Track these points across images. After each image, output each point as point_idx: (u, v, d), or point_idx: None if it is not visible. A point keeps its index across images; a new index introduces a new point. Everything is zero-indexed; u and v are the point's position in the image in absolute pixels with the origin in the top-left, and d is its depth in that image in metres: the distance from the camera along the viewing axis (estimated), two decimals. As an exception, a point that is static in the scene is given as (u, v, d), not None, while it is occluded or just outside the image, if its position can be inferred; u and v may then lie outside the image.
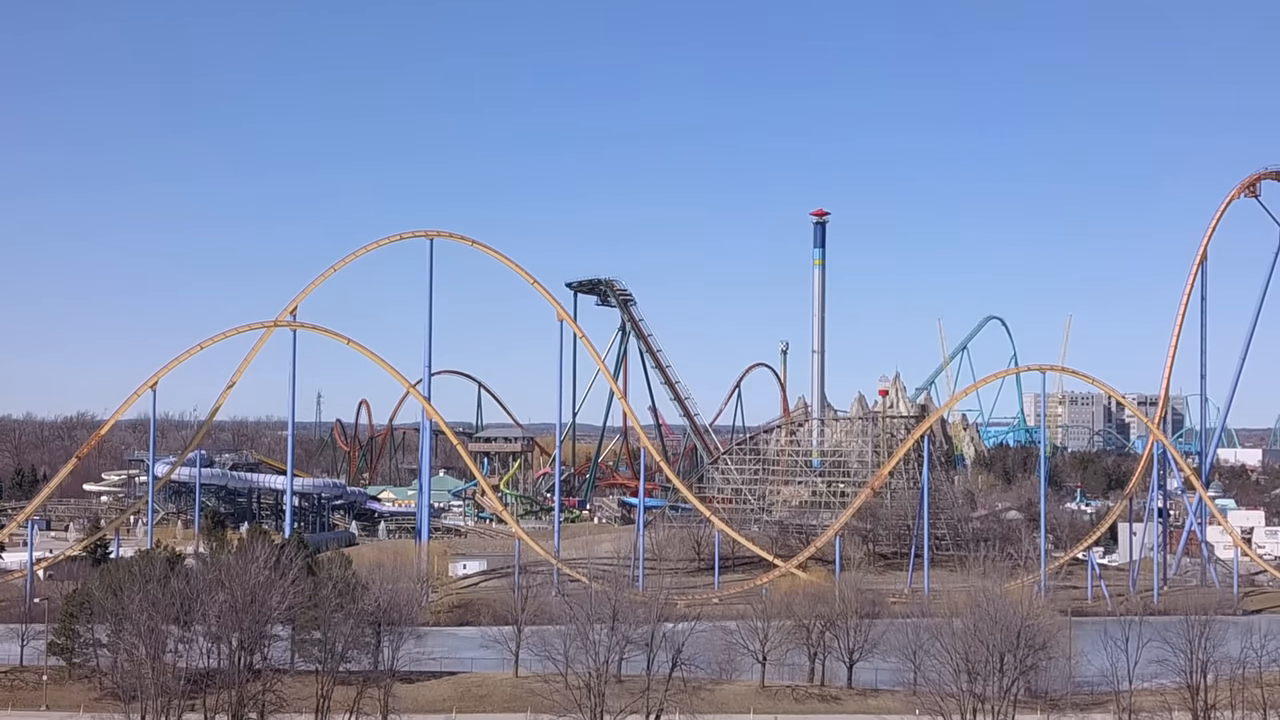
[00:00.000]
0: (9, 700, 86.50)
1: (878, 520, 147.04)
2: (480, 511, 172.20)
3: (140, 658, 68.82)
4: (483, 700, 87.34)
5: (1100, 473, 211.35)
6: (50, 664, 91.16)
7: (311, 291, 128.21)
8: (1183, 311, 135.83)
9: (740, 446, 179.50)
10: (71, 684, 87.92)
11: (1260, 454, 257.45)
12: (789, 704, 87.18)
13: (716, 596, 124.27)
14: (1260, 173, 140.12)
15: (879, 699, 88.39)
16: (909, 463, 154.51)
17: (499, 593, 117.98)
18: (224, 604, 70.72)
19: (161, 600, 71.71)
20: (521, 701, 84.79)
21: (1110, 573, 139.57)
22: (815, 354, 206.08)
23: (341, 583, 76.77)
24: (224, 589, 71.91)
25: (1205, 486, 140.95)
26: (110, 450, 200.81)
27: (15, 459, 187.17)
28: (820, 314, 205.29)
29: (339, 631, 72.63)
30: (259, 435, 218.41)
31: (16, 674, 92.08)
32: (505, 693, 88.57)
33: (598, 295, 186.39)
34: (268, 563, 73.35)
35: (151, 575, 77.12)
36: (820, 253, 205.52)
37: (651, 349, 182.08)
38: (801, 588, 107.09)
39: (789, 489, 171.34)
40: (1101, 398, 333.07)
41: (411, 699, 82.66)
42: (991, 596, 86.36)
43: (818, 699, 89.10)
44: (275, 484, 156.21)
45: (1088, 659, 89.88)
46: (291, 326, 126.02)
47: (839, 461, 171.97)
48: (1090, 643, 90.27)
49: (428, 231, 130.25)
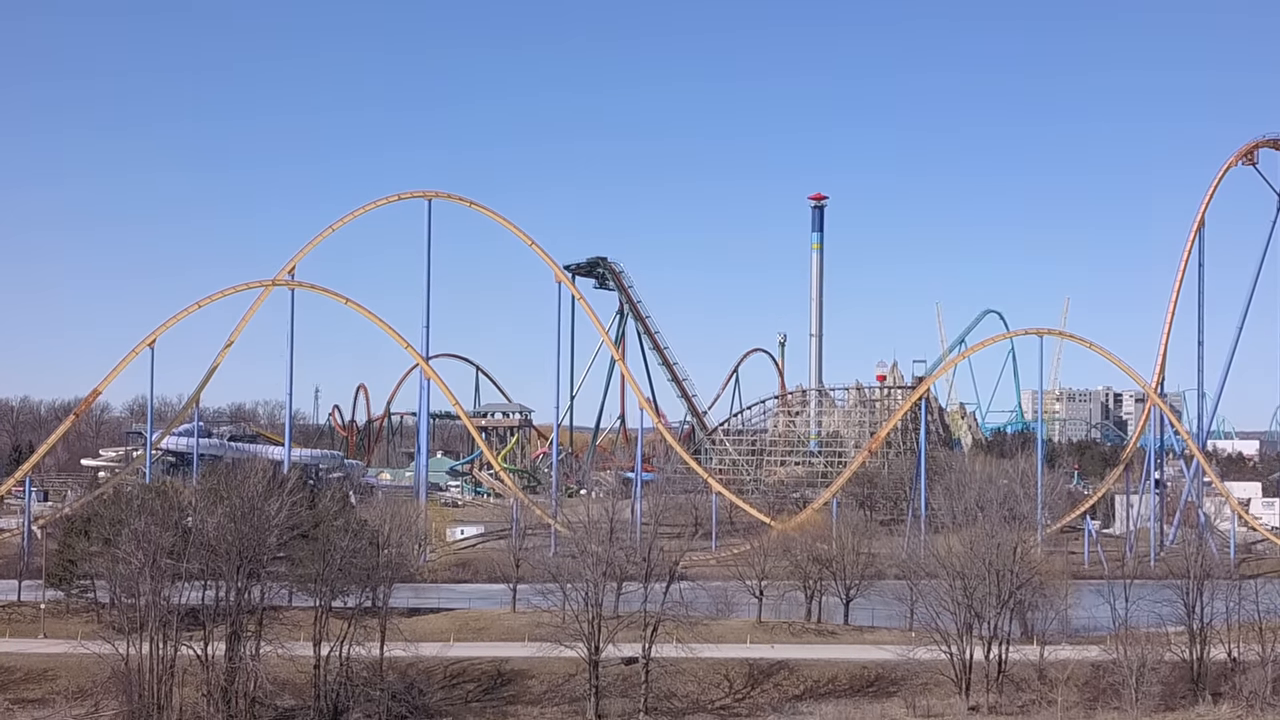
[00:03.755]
0: (6, 631, 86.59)
1: (875, 487, 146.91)
2: (478, 487, 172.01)
3: (138, 569, 68.51)
4: (480, 632, 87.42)
5: (1098, 458, 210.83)
6: (48, 599, 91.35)
7: (309, 252, 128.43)
8: (1181, 271, 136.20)
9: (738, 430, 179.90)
10: (69, 618, 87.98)
11: (1258, 444, 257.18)
12: (786, 637, 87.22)
13: (714, 558, 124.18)
14: (1258, 140, 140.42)
15: (875, 635, 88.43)
16: (906, 434, 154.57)
17: (496, 553, 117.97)
18: (223, 515, 70.60)
19: (160, 511, 71.64)
20: (519, 632, 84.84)
21: (1108, 541, 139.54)
22: (813, 338, 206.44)
23: (340, 500, 76.60)
24: (222, 501, 71.88)
25: (1201, 450, 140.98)
26: (108, 431, 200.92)
27: (13, 438, 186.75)
28: (818, 298, 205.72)
29: (337, 546, 72.39)
30: (255, 418, 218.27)
31: (14, 608, 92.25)
32: (503, 625, 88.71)
33: (596, 279, 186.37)
34: (265, 475, 73.27)
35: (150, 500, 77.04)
36: (818, 237, 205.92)
37: (649, 330, 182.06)
38: (799, 528, 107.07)
39: (785, 469, 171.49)
40: (1099, 394, 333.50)
41: (409, 630, 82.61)
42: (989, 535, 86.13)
43: (814, 634, 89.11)
44: (273, 454, 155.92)
45: (1086, 613, 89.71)
46: (290, 285, 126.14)
47: (836, 445, 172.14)
48: (1087, 602, 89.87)
49: (426, 192, 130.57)
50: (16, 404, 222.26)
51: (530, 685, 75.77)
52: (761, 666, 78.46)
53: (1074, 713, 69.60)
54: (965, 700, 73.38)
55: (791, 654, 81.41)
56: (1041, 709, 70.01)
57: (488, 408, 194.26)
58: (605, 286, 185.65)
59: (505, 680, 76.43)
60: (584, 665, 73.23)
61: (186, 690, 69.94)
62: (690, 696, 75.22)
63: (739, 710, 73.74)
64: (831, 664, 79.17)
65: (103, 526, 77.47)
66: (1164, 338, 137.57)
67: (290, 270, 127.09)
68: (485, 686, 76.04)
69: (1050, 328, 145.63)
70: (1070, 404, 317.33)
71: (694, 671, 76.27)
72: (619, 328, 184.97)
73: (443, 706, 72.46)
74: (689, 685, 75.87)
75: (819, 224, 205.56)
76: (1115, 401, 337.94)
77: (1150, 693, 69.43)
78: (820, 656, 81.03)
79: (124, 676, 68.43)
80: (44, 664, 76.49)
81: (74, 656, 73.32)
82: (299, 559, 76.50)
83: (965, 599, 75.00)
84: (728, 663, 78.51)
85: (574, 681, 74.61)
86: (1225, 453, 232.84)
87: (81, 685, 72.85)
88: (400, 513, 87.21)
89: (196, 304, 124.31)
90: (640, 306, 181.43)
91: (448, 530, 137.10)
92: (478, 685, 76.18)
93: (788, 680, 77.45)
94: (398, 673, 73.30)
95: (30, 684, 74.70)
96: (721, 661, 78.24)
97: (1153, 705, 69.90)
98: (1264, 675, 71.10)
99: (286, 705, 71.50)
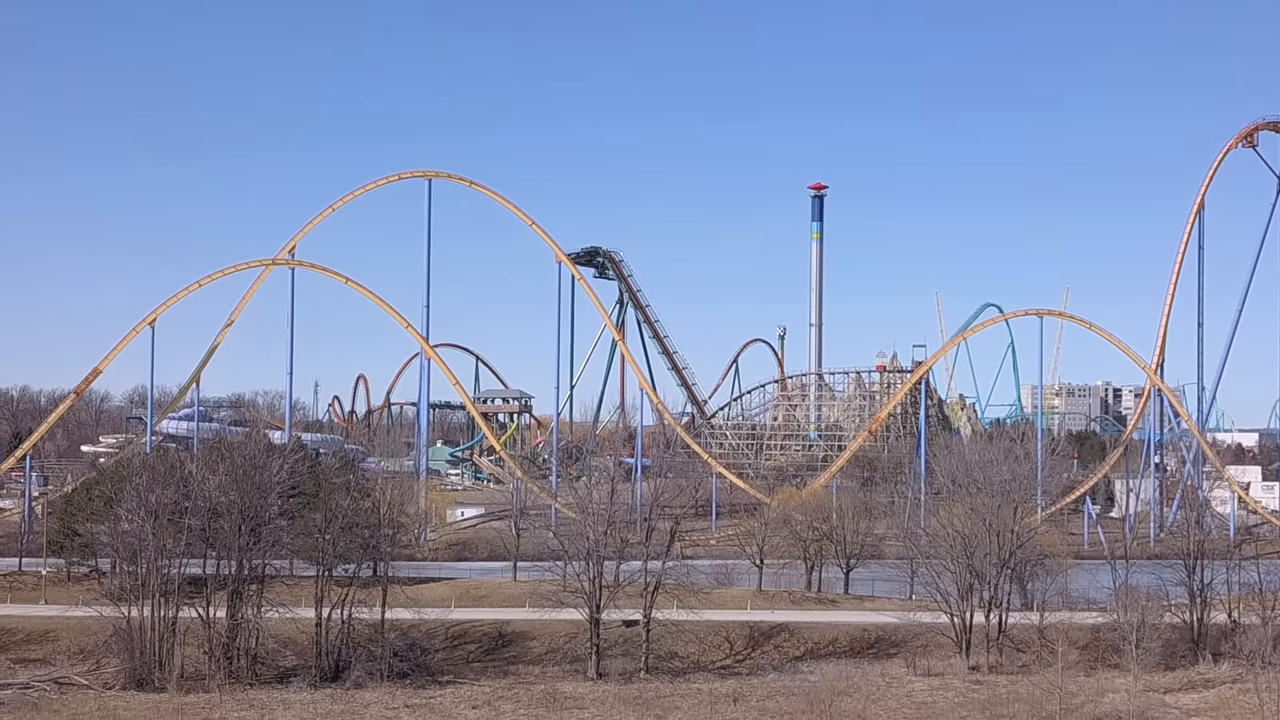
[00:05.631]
0: (7, 598, 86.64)
1: (875, 470, 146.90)
2: (478, 473, 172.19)
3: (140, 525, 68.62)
4: (482, 600, 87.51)
5: (1097, 447, 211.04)
6: (49, 568, 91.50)
7: (310, 235, 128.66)
8: (1181, 254, 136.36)
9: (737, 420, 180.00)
10: (70, 585, 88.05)
11: (1257, 437, 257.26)
12: (786, 605, 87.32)
13: (714, 537, 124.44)
14: (1258, 123, 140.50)
15: (876, 603, 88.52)
16: (906, 419, 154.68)
17: (496, 533, 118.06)
18: (224, 474, 70.69)
19: (162, 471, 71.72)
20: (520, 600, 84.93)
21: (1108, 524, 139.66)
22: (813, 328, 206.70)
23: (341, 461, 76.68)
24: (224, 460, 71.98)
25: (1201, 430, 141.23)
26: (108, 420, 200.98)
27: (13, 426, 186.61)
28: (818, 288, 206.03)
29: (339, 504, 72.49)
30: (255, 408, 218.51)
31: (15, 577, 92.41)
32: (504, 593, 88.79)
33: (595, 268, 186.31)
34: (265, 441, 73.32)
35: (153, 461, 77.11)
36: (818, 226, 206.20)
37: (649, 319, 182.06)
38: (798, 500, 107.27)
39: (785, 456, 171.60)
40: (1099, 389, 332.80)
41: (411, 596, 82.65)
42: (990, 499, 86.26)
43: (815, 602, 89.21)
44: (273, 438, 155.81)
45: (1086, 585, 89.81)
46: (290, 264, 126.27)
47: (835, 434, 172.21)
48: (1087, 580, 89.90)
49: (425, 172, 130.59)
50: (16, 393, 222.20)
51: (531, 646, 75.96)
52: (762, 629, 78.64)
53: (1074, 671, 69.54)
54: (966, 660, 73.52)
55: (792, 618, 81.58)
56: (1041, 668, 69.92)
57: (488, 393, 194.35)
58: (605, 276, 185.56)
59: (507, 641, 76.63)
60: (585, 626, 73.30)
61: (188, 650, 70.01)
62: (691, 657, 75.37)
63: (739, 670, 73.79)
64: (832, 626, 79.39)
65: (105, 486, 77.56)
66: (1163, 320, 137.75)
67: (290, 250, 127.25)
68: (487, 647, 76.25)
69: (1050, 308, 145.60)
70: (1070, 399, 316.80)
71: (695, 633, 76.42)
72: (619, 317, 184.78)
73: (444, 665, 72.53)
74: (690, 646, 76.00)
75: (819, 213, 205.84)
76: (1115, 397, 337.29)
77: (1150, 649, 69.45)
78: (821, 620, 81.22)
79: (126, 634, 68.43)
80: (45, 626, 76.66)
81: (75, 618, 73.34)
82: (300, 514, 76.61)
83: (966, 559, 75.04)
84: (728, 625, 78.73)
85: (575, 642, 74.74)
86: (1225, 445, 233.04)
87: (83, 645, 72.92)
88: (401, 483, 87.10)
89: (197, 283, 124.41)
90: (640, 295, 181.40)
91: (448, 512, 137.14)
92: (479, 646, 76.38)
93: (788, 642, 77.65)
94: (399, 633, 73.36)
95: (32, 644, 74.90)
96: (722, 624, 78.48)
97: (1153, 663, 69.89)
98: (1265, 634, 71.10)
99: (288, 665, 71.54)
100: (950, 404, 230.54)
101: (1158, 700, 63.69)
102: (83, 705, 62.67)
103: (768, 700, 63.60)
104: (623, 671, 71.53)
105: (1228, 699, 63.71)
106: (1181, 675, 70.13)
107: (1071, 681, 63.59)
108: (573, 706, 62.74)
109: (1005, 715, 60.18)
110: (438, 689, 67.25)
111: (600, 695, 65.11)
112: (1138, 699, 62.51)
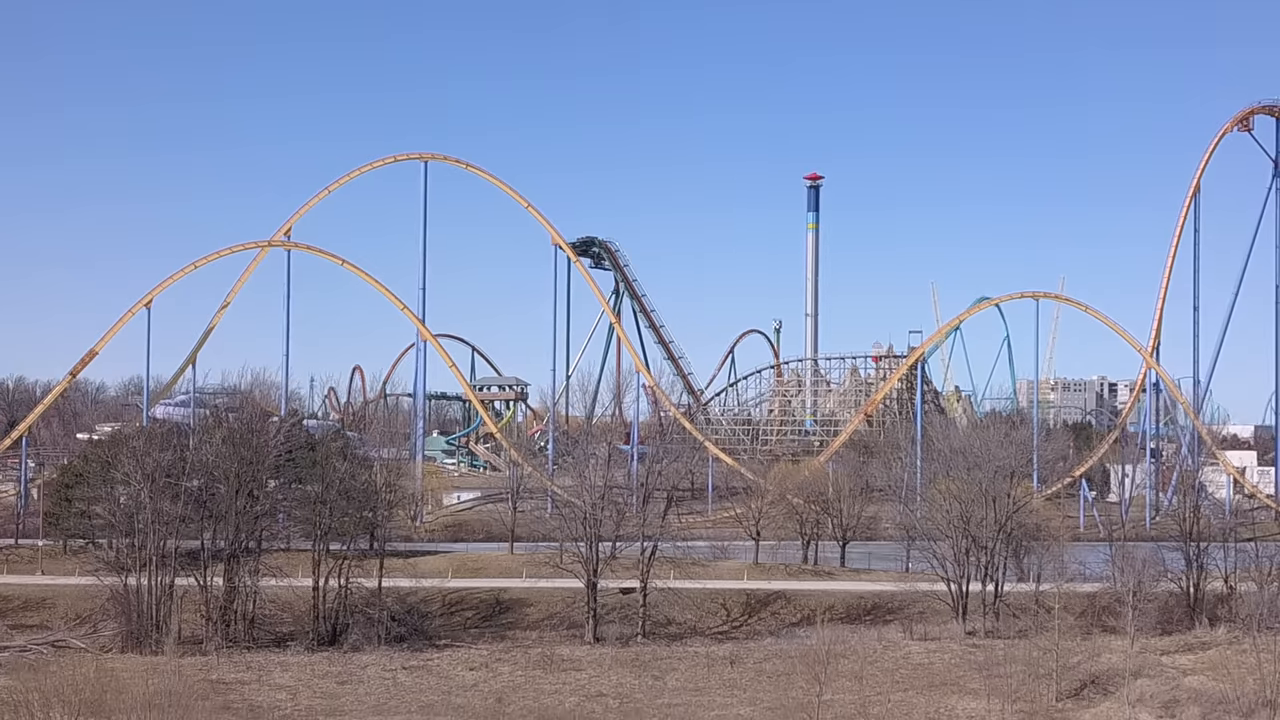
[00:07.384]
0: (4, 569, 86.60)
1: (871, 455, 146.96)
2: (474, 460, 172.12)
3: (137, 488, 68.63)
4: (478, 571, 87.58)
5: (1092, 438, 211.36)
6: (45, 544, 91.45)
7: (305, 219, 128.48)
8: (1176, 238, 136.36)
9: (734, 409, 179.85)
10: (66, 558, 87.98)
11: (1253, 429, 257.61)
12: (783, 576, 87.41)
13: (710, 520, 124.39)
14: (1253, 106, 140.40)
15: (872, 575, 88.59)
16: (903, 405, 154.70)
17: (492, 515, 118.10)
18: (220, 439, 70.73)
19: (159, 436, 71.76)
20: (516, 571, 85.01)
21: (1104, 508, 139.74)
22: (809, 318, 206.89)
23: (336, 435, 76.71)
24: (220, 426, 72.02)
25: (1198, 414, 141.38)
26: (103, 409, 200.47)
27: (8, 415, 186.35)
28: (814, 279, 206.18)
29: (335, 469, 72.56)
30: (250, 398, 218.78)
31: (11, 550, 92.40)
32: (500, 565, 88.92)
33: (591, 258, 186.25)
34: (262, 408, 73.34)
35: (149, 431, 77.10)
36: (814, 217, 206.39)
37: (645, 309, 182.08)
38: (795, 475, 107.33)
39: (780, 445, 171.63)
40: (1094, 383, 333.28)
41: (408, 568, 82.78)
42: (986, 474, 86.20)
43: (811, 574, 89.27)
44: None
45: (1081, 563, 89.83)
46: (286, 246, 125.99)
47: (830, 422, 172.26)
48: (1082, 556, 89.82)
49: (422, 154, 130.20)
50: (11, 383, 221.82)
51: (528, 612, 76.11)
52: (759, 596, 78.85)
53: (1071, 634, 69.61)
54: (962, 625, 73.63)
55: (789, 586, 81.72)
56: (1038, 634, 70.03)
57: (484, 381, 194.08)
58: (601, 266, 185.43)
59: (504, 608, 76.78)
60: (582, 593, 73.40)
61: (186, 615, 70.02)
62: (688, 623, 75.54)
63: (736, 635, 73.97)
64: (829, 594, 79.58)
65: (101, 451, 77.51)
66: (1159, 304, 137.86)
67: (286, 232, 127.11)
68: (484, 614, 76.36)
69: (1046, 291, 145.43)
70: (1065, 394, 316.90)
71: (692, 600, 76.64)
72: (615, 307, 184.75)
73: (442, 631, 72.64)
74: (687, 613, 76.18)
75: (814, 204, 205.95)
76: (1110, 391, 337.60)
77: (1147, 613, 69.62)
78: (817, 588, 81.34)
79: (123, 598, 68.51)
80: (42, 594, 76.81)
81: (72, 586, 73.67)
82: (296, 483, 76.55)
83: (963, 524, 75.13)
84: (725, 592, 78.94)
85: (572, 608, 74.92)
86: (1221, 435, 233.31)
87: (80, 611, 73.15)
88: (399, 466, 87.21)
89: (193, 264, 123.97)
90: (636, 286, 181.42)
91: (444, 496, 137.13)
92: (476, 613, 76.49)
93: (785, 609, 77.85)
94: (396, 599, 73.42)
95: (29, 611, 74.96)
96: (719, 591, 78.59)
97: (1150, 627, 70.08)
98: (1261, 598, 71.30)
99: (285, 630, 71.61)
100: (946, 395, 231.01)
101: (1154, 660, 63.83)
102: (80, 666, 62.13)
103: (765, 663, 63.75)
104: (620, 636, 71.61)
105: (1225, 659, 63.76)
106: (1178, 639, 70.19)
107: (1068, 643, 63.66)
108: (570, 668, 62.89)
109: (1002, 675, 60.22)
110: (435, 652, 67.34)
111: (597, 657, 65.23)
112: (1134, 659, 62.69)
